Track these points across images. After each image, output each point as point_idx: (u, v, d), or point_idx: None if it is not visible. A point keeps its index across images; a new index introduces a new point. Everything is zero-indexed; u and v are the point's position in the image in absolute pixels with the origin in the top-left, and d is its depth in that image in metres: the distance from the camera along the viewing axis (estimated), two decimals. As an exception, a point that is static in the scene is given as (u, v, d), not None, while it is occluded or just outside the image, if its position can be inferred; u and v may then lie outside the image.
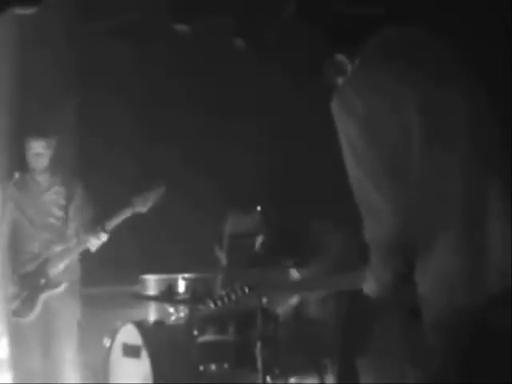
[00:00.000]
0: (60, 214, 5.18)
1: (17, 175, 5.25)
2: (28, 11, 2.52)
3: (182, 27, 5.81)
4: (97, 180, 5.40)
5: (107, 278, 5.62)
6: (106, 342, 4.97)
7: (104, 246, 5.21)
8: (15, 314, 5.06)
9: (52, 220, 5.18)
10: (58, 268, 5.07)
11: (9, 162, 5.42)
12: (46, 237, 5.14)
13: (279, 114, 5.95)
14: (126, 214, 5.04)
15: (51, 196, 5.22)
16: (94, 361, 5.17)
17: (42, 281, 5.06)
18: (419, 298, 2.30)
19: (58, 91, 5.86)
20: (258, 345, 4.26)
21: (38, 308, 5.04)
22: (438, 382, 2.29)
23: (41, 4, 2.52)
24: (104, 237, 5.06)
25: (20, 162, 5.30)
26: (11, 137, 5.47)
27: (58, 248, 5.11)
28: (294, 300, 5.02)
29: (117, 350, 4.90)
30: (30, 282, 5.06)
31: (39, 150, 5.12)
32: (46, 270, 5.07)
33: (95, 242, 5.08)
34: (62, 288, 5.07)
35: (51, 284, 5.07)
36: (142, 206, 5.02)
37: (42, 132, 5.15)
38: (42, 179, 5.23)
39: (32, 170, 5.20)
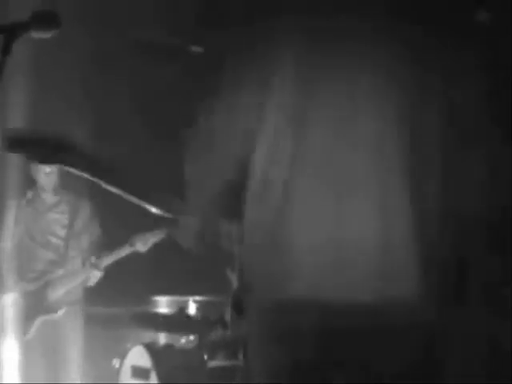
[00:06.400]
0: (62, 233, 5.10)
1: (29, 194, 5.20)
2: (46, 36, 2.51)
3: (196, 48, 5.83)
4: (104, 199, 5.33)
5: (117, 298, 5.59)
6: (116, 363, 4.96)
7: (115, 266, 5.17)
8: (17, 331, 5.02)
9: (53, 239, 5.09)
10: (58, 293, 4.99)
11: (22, 180, 5.40)
12: (49, 256, 5.05)
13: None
14: (124, 252, 4.94)
15: (55, 215, 5.14)
16: (103, 381, 5.15)
17: (40, 304, 4.99)
18: None
19: (70, 111, 5.87)
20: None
21: (33, 330, 4.94)
22: None
23: (59, 28, 2.50)
24: (98, 274, 4.95)
25: (33, 180, 5.27)
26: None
27: (59, 271, 5.02)
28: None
29: (126, 372, 4.89)
30: (30, 303, 4.98)
31: (49, 169, 5.04)
32: (46, 293, 4.99)
33: (90, 277, 4.99)
34: (60, 314, 4.96)
35: (49, 309, 4.98)
36: (142, 246, 4.90)
37: None
38: (48, 197, 5.15)
39: (41, 188, 5.12)
